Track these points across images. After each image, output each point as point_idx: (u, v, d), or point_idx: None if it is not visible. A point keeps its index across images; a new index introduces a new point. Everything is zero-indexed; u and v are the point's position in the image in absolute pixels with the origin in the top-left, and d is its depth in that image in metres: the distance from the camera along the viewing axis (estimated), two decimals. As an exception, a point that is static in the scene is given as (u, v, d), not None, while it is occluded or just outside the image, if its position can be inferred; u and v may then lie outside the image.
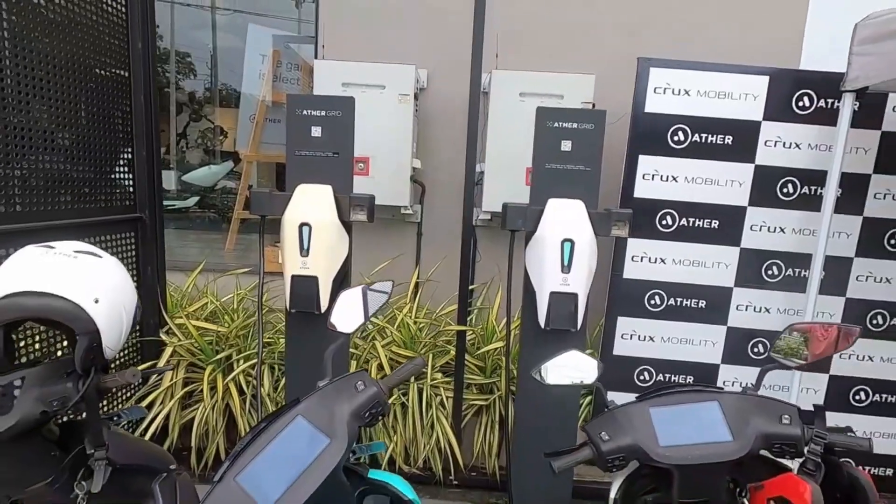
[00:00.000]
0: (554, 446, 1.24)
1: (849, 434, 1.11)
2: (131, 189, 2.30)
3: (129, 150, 2.27)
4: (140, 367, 1.79)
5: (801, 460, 1.13)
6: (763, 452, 1.17)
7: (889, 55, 1.93)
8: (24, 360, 1.52)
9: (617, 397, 1.24)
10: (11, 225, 1.70)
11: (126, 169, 2.27)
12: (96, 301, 1.01)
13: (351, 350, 2.48)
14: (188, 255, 4.42)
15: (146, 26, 2.26)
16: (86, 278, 1.02)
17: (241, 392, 2.48)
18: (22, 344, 1.70)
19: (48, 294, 0.96)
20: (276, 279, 2.89)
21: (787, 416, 1.12)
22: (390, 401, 1.81)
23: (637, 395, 1.25)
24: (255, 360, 2.56)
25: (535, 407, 2.05)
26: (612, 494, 1.28)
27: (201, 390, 2.45)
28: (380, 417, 1.07)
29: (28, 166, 1.77)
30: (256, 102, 3.46)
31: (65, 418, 1.27)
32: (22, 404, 1.04)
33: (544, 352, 1.27)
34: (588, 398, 2.62)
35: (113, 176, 2.21)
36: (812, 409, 1.16)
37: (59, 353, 1.83)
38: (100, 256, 1.09)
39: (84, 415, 1.25)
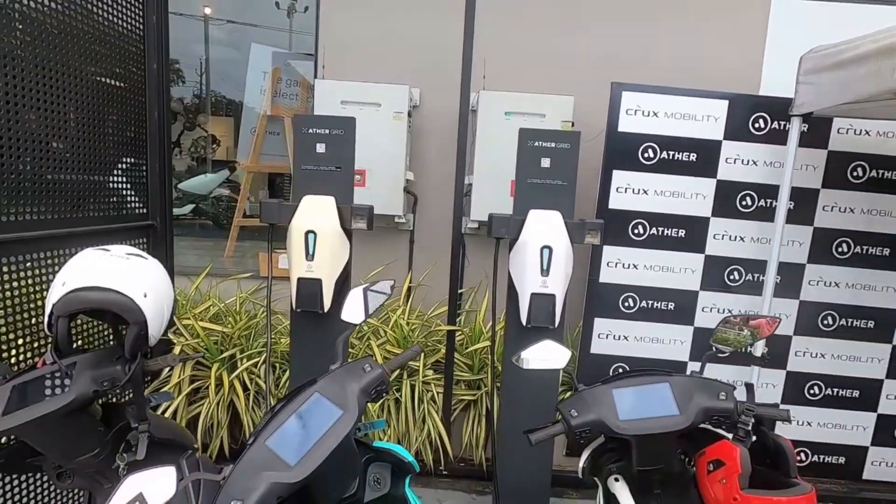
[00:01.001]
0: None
1: (772, 408, 1.33)
2: (145, 198, 2.47)
3: (144, 162, 2.44)
4: (176, 353, 1.95)
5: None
6: (706, 426, 1.39)
7: (827, 85, 2.20)
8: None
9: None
10: (42, 231, 1.86)
11: (140, 180, 2.44)
12: (145, 295, 1.19)
13: (350, 350, 2.67)
14: (187, 261, 4.56)
15: (160, 49, 2.44)
16: (136, 276, 1.20)
17: (244, 388, 2.64)
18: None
19: (107, 289, 1.15)
20: (275, 283, 3.08)
21: (723, 394, 1.34)
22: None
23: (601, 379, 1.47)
24: (257, 359, 2.74)
25: (519, 402, 2.25)
26: (581, 464, 1.49)
27: (207, 387, 2.61)
28: (383, 394, 1.26)
29: (57, 179, 1.94)
30: (257, 116, 3.65)
31: (105, 400, 1.44)
32: (78, 384, 1.22)
33: (526, 347, 1.48)
34: (568, 393, 2.83)
35: (128, 186, 2.38)
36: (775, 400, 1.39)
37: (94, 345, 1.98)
38: (146, 258, 1.28)
39: (121, 397, 1.43)
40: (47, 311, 1.17)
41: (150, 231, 2.49)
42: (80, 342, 1.83)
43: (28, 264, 1.75)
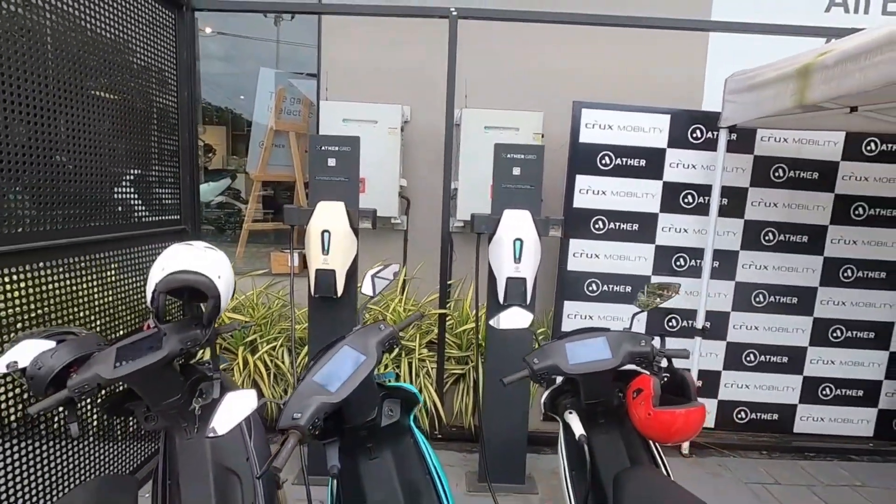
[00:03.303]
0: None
1: (676, 349, 1.80)
2: (178, 206, 2.89)
3: (177, 175, 2.86)
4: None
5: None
6: (633, 367, 1.86)
7: (745, 103, 2.70)
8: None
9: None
10: (102, 235, 2.28)
11: (175, 191, 2.85)
12: (219, 277, 1.63)
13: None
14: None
15: (190, 79, 2.87)
16: (213, 263, 1.64)
17: (266, 368, 3.07)
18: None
19: (195, 272, 1.58)
20: (285, 280, 3.52)
21: (643, 342, 1.81)
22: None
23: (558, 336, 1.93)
24: (274, 344, 3.17)
25: (500, 375, 2.68)
26: (542, 399, 1.95)
27: (234, 367, 3.03)
28: (395, 347, 1.71)
29: (116, 196, 2.36)
30: (264, 131, 4.07)
31: (182, 361, 1.87)
32: (169, 343, 1.65)
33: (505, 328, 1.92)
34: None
35: (166, 196, 2.80)
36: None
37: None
38: (217, 251, 1.71)
39: (191, 359, 1.86)
40: (150, 289, 1.60)
41: (182, 234, 2.91)
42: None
43: (100, 260, 2.18)
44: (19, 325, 1.85)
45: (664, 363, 1.83)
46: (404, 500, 1.67)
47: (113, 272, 2.32)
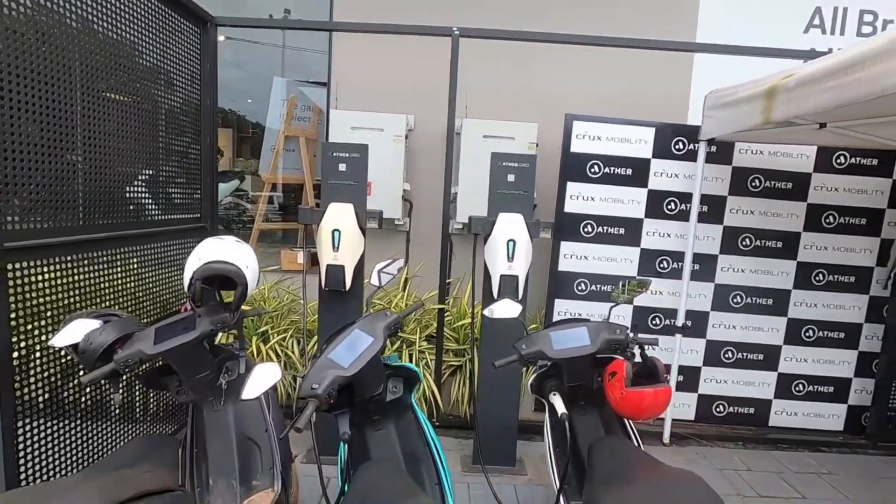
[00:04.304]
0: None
1: (648, 336, 2.03)
2: (199, 206, 3.12)
3: (199, 177, 3.10)
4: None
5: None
6: (610, 354, 2.09)
7: (721, 119, 2.94)
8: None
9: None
10: (129, 231, 2.51)
11: (196, 192, 3.09)
12: (247, 267, 1.87)
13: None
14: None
15: (212, 88, 3.11)
16: (242, 255, 1.87)
17: (277, 356, 3.29)
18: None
19: (227, 262, 1.81)
20: (294, 276, 3.75)
21: (619, 331, 2.05)
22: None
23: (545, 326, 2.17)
24: (285, 335, 3.40)
25: (494, 369, 2.92)
26: (529, 382, 2.18)
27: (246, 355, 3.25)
28: (399, 331, 1.94)
29: (146, 192, 2.60)
30: (276, 136, 4.33)
31: (210, 343, 2.10)
32: (201, 325, 1.88)
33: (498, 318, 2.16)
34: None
35: (188, 196, 3.04)
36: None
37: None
38: (244, 244, 1.95)
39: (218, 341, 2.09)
40: (187, 277, 1.83)
41: (202, 231, 3.15)
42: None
43: (133, 253, 2.42)
44: (71, 307, 2.08)
45: (637, 350, 2.06)
46: (406, 465, 1.90)
47: (144, 264, 2.56)
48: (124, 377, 1.92)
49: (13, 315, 1.81)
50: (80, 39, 2.06)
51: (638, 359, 2.06)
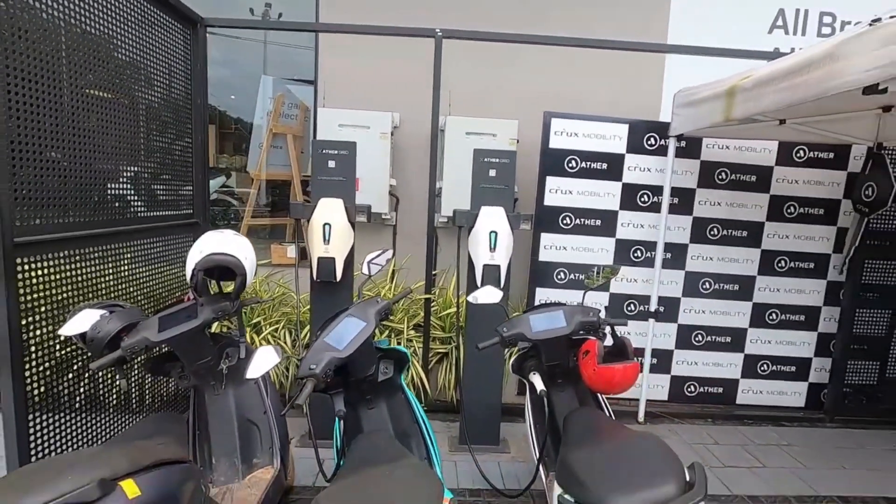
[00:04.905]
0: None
1: (618, 319, 2.22)
2: (191, 202, 3.22)
3: (191, 174, 3.19)
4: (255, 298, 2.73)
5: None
6: (584, 336, 2.27)
7: (687, 116, 3.14)
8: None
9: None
10: (128, 227, 2.60)
11: (188, 188, 3.19)
12: (245, 258, 1.99)
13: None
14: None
15: (203, 87, 3.20)
16: (241, 246, 2.00)
17: (270, 347, 3.41)
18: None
19: (227, 254, 1.94)
20: (284, 270, 3.86)
21: (591, 314, 2.22)
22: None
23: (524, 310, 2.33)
24: (276, 326, 3.52)
25: (478, 356, 3.05)
26: (511, 362, 2.35)
27: (241, 346, 3.37)
28: (388, 316, 2.09)
29: (138, 189, 2.70)
30: (263, 133, 4.42)
31: (210, 331, 2.23)
32: (203, 313, 2.01)
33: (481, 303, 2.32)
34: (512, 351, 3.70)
35: (181, 192, 3.13)
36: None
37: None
38: (242, 237, 2.08)
39: (218, 330, 2.21)
40: (189, 268, 1.96)
41: (195, 227, 3.25)
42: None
43: (134, 247, 2.53)
44: (74, 299, 2.18)
45: (608, 330, 2.25)
46: (397, 441, 2.06)
47: (142, 257, 2.66)
48: (130, 363, 2.04)
49: (23, 307, 1.91)
50: (86, 46, 2.16)
51: (610, 340, 2.25)
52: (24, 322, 1.91)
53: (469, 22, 3.62)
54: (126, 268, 2.54)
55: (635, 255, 3.66)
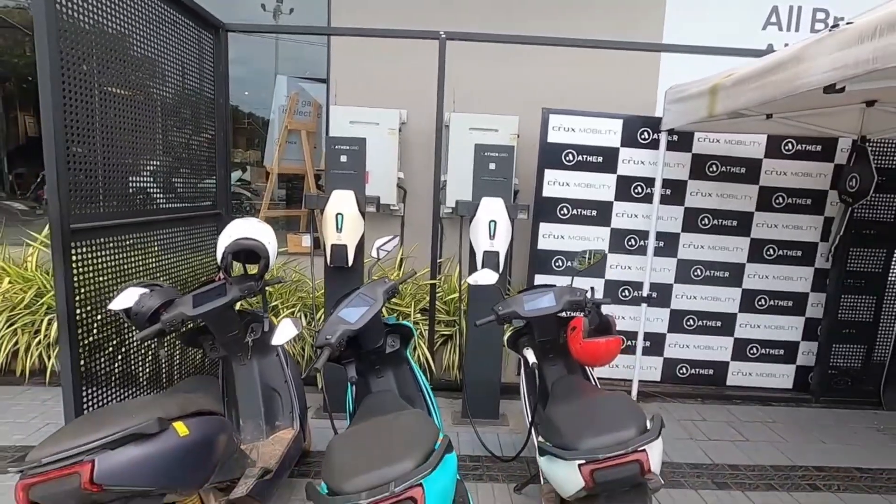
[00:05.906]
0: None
1: (602, 299, 2.44)
2: (214, 194, 3.49)
3: (214, 168, 3.46)
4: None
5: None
6: (572, 314, 2.50)
7: (679, 111, 3.32)
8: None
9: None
10: (155, 217, 2.87)
11: (212, 181, 3.46)
12: (269, 243, 2.25)
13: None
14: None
15: (225, 87, 3.46)
16: (265, 232, 2.26)
17: (287, 328, 3.68)
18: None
19: (253, 238, 2.20)
20: (299, 258, 4.12)
21: (579, 293, 2.45)
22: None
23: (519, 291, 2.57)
24: (293, 309, 3.79)
25: (479, 338, 3.32)
26: (506, 338, 2.59)
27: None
28: (395, 294, 2.33)
29: (168, 183, 2.97)
30: (277, 130, 4.68)
31: (237, 308, 2.49)
32: (231, 291, 2.27)
33: (481, 286, 2.56)
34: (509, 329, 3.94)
35: (205, 185, 3.40)
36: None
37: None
38: (265, 224, 2.34)
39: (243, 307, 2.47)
40: (220, 251, 2.22)
41: (218, 217, 3.52)
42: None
43: (165, 234, 2.80)
44: (119, 278, 2.46)
45: (594, 308, 2.47)
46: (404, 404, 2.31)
47: (175, 243, 2.94)
48: (169, 335, 2.32)
49: (77, 286, 2.18)
50: (124, 53, 2.42)
51: (597, 318, 2.47)
52: (77, 299, 2.19)
53: (471, 24, 3.83)
54: (158, 252, 2.82)
55: (629, 243, 3.86)
